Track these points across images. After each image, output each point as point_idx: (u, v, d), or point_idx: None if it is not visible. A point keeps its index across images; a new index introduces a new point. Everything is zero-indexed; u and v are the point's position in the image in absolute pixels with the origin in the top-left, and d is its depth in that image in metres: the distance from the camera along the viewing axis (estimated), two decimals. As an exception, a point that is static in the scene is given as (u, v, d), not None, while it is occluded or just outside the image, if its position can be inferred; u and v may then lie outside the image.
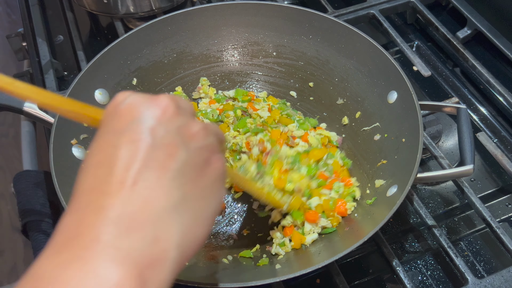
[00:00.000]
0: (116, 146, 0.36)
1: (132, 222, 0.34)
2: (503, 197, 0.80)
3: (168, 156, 0.37)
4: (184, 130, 0.39)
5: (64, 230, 0.35)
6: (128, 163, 0.36)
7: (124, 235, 0.33)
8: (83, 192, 0.36)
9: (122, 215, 0.34)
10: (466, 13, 1.00)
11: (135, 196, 0.35)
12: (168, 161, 0.37)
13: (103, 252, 0.32)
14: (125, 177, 0.35)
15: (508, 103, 0.88)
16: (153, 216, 0.35)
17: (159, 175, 0.36)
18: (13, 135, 1.75)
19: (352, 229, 0.68)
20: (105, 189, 0.35)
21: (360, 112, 0.82)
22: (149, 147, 0.37)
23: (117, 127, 0.38)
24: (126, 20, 1.05)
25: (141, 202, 0.35)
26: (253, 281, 0.58)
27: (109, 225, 0.34)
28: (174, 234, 0.36)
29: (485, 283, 0.65)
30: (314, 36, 0.87)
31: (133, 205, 0.35)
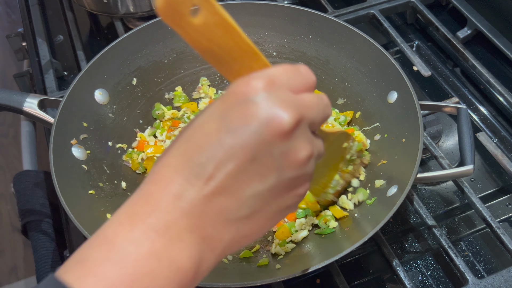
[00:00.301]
0: (220, 141, 0.37)
1: (199, 221, 0.37)
2: (503, 197, 0.80)
3: (257, 176, 0.38)
4: (289, 156, 0.38)
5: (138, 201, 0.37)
6: (222, 164, 0.36)
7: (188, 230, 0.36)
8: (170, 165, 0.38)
9: (192, 209, 0.36)
10: (466, 13, 1.00)
11: (211, 198, 0.37)
12: (255, 180, 0.38)
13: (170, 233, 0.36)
14: (214, 175, 0.36)
15: (508, 103, 0.87)
16: (219, 221, 0.38)
17: (240, 188, 0.37)
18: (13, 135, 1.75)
19: (352, 229, 0.68)
20: (190, 176, 0.37)
21: (360, 112, 0.82)
22: (247, 161, 0.37)
23: (231, 121, 0.37)
24: (126, 20, 1.05)
25: (213, 205, 0.37)
26: (253, 281, 0.58)
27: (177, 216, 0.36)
28: (225, 240, 0.39)
29: (485, 283, 0.65)
30: (314, 36, 0.87)
31: (205, 206, 0.37)
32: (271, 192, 0.39)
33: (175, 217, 0.36)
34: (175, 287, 0.36)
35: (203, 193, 0.37)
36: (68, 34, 1.06)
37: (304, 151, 0.39)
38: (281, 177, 0.39)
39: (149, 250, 0.35)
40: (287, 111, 0.37)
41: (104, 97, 0.80)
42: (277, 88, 0.38)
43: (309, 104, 0.40)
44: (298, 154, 0.38)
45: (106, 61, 0.80)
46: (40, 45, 1.00)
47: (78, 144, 0.74)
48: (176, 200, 0.36)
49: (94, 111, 0.78)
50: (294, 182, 0.40)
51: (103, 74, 0.80)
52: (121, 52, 0.82)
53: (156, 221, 0.36)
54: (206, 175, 0.37)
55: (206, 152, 0.37)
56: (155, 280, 0.35)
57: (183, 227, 0.36)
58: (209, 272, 0.40)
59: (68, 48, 1.05)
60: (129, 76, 0.84)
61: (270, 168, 0.38)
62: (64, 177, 0.67)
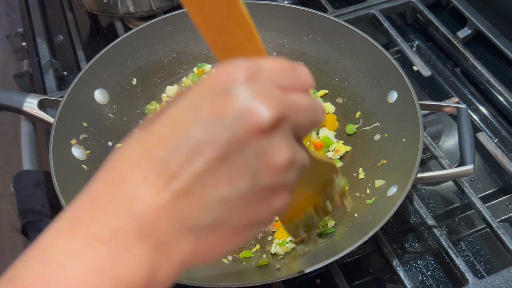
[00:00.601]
0: (190, 137, 0.31)
1: (154, 227, 0.31)
2: (504, 197, 0.80)
3: (227, 179, 0.32)
4: (266, 158, 0.32)
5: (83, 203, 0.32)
6: (187, 163, 0.31)
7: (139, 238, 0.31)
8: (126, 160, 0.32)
9: (146, 213, 0.31)
10: (466, 13, 1.00)
11: (171, 201, 0.31)
12: (224, 183, 0.32)
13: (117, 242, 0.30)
14: (175, 175, 0.31)
15: (509, 103, 0.87)
16: (175, 227, 0.32)
17: (206, 191, 0.31)
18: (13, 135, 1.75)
19: (352, 229, 0.68)
20: (148, 176, 0.31)
21: (360, 112, 0.82)
22: (216, 160, 0.31)
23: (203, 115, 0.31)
24: (126, 20, 1.05)
25: (172, 209, 0.31)
26: (253, 281, 0.58)
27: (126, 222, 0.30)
28: (181, 254, 0.32)
29: (485, 283, 0.65)
30: (314, 36, 0.87)
31: (163, 210, 0.31)
32: (241, 200, 0.32)
33: (123, 223, 0.30)
34: None
35: (162, 195, 0.31)
36: (68, 34, 1.06)
37: (284, 155, 0.33)
38: (254, 183, 0.32)
39: (90, 264, 0.29)
40: (267, 106, 0.31)
41: (104, 97, 0.80)
42: (261, 82, 0.33)
43: (298, 104, 0.34)
44: (276, 157, 0.32)
45: (106, 61, 0.80)
46: (40, 45, 1.00)
47: (78, 144, 0.74)
48: (128, 202, 0.31)
49: (94, 111, 0.78)
50: (270, 192, 0.34)
51: (103, 74, 0.80)
52: (121, 52, 0.82)
53: (100, 228, 0.30)
54: (167, 174, 0.31)
55: (170, 146, 0.31)
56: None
57: (133, 235, 0.30)
58: (167, 285, 0.33)
59: (68, 48, 1.05)
60: (129, 76, 0.84)
61: (242, 171, 0.32)
62: (64, 177, 0.67)
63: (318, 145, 0.80)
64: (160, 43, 0.87)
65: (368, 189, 0.73)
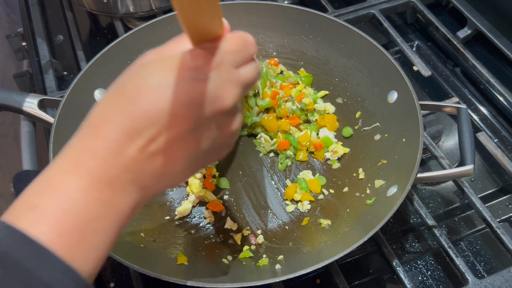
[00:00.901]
0: (167, 111, 0.40)
1: (140, 175, 0.42)
2: (504, 197, 0.80)
3: (194, 142, 0.43)
4: (225, 128, 0.45)
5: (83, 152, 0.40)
6: (165, 130, 0.41)
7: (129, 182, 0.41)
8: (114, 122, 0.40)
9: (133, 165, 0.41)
10: (466, 13, 1.00)
11: (151, 157, 0.41)
12: (192, 145, 0.43)
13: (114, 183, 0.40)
14: (157, 139, 0.41)
15: (508, 103, 0.87)
16: (154, 175, 0.42)
17: (178, 150, 0.42)
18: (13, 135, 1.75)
19: (352, 229, 0.68)
20: (133, 137, 0.40)
21: (360, 112, 0.82)
22: (188, 130, 0.42)
23: (180, 92, 0.40)
24: (126, 20, 1.05)
25: (152, 162, 0.42)
26: (253, 281, 0.58)
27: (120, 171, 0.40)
28: (157, 189, 0.44)
29: (485, 283, 0.65)
30: (314, 36, 0.87)
31: (145, 163, 0.41)
32: (202, 155, 0.45)
33: (118, 171, 0.40)
34: (117, 225, 0.41)
35: (143, 152, 0.41)
36: (68, 34, 1.06)
37: (236, 125, 0.46)
38: (213, 144, 0.45)
39: (97, 198, 0.39)
40: (231, 93, 0.43)
41: (104, 97, 0.80)
42: (224, 68, 0.42)
43: (249, 79, 0.45)
44: (231, 127, 0.46)
45: (106, 61, 0.80)
46: (40, 45, 1.00)
47: (78, 144, 0.73)
48: (119, 156, 0.40)
49: (94, 111, 0.78)
50: (222, 146, 0.48)
51: (103, 74, 0.80)
52: (121, 52, 0.82)
53: (102, 174, 0.40)
54: (148, 137, 0.40)
55: (151, 116, 0.40)
56: (102, 223, 0.40)
57: (126, 180, 0.41)
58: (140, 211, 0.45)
59: (68, 48, 1.05)
60: (129, 76, 0.84)
61: (206, 137, 0.44)
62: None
63: (318, 145, 0.80)
64: (160, 43, 0.86)
65: (368, 189, 0.73)
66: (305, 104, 0.83)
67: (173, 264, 0.65)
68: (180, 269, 0.64)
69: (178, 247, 0.69)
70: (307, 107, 0.83)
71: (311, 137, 0.81)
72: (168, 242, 0.70)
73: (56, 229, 0.37)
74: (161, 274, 0.58)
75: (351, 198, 0.75)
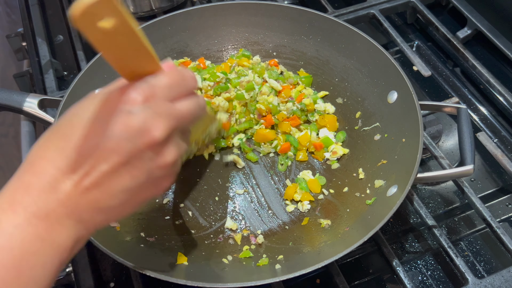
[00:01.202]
0: (98, 145, 0.42)
1: (76, 209, 0.43)
2: (503, 197, 0.80)
3: (128, 176, 0.44)
4: (157, 161, 0.45)
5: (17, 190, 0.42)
6: (97, 165, 0.42)
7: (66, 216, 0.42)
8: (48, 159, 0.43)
9: (71, 201, 0.42)
10: (466, 13, 1.00)
11: (85, 192, 0.43)
12: (127, 179, 0.44)
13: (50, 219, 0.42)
14: (90, 173, 0.42)
15: (508, 103, 0.87)
16: (93, 210, 0.44)
17: (112, 185, 0.44)
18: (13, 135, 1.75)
19: (352, 229, 0.68)
20: (67, 169, 0.42)
21: (360, 112, 0.82)
22: (121, 164, 0.43)
23: (110, 130, 0.42)
24: (126, 20, 1.05)
25: (87, 197, 0.43)
26: (253, 281, 0.58)
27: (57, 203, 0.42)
28: (96, 224, 0.46)
29: (485, 283, 0.65)
30: (314, 36, 0.87)
31: (82, 198, 0.43)
32: (140, 188, 0.46)
33: (53, 206, 0.42)
34: (56, 261, 0.42)
35: (78, 187, 0.42)
36: (68, 34, 1.06)
37: (171, 157, 0.46)
38: (149, 177, 0.46)
39: (32, 233, 0.40)
40: (160, 126, 0.43)
41: (104, 97, 0.80)
42: (155, 101, 0.44)
43: (185, 112, 0.47)
44: (166, 159, 0.46)
45: (106, 61, 0.80)
46: (40, 45, 1.00)
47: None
48: (54, 191, 0.42)
49: (94, 111, 0.78)
50: (161, 179, 0.48)
51: (103, 74, 0.80)
52: (121, 52, 0.82)
53: (37, 209, 0.41)
54: (82, 172, 0.42)
55: (84, 152, 0.42)
56: (40, 258, 0.41)
57: (61, 214, 0.42)
58: (84, 245, 0.47)
59: (68, 48, 1.05)
60: (129, 76, 0.84)
61: (140, 170, 0.44)
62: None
63: (318, 145, 0.80)
64: (160, 43, 0.87)
65: (368, 189, 0.73)
66: (305, 104, 0.83)
67: (173, 264, 0.65)
68: (180, 269, 0.64)
69: (178, 247, 0.69)
70: (307, 108, 0.83)
71: (311, 137, 0.81)
72: (168, 242, 0.70)
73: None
74: (161, 274, 0.58)
75: (351, 198, 0.75)
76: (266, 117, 0.82)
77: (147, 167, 0.45)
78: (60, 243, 0.42)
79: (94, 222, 0.45)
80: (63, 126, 0.44)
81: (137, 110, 0.42)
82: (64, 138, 0.43)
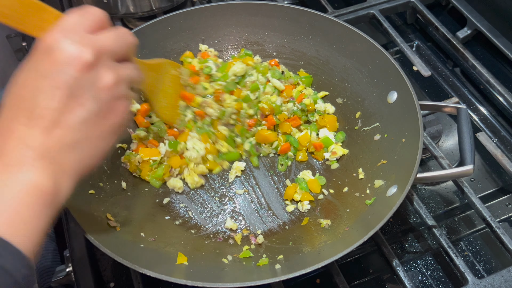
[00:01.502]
0: (40, 88, 0.46)
1: (46, 151, 0.46)
2: (503, 197, 0.80)
3: (78, 105, 0.47)
4: (96, 83, 0.48)
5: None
6: (47, 105, 0.46)
7: (38, 158, 0.46)
8: (6, 118, 0.46)
9: (40, 145, 0.46)
10: (466, 13, 1.00)
11: (48, 132, 0.46)
12: (78, 109, 0.47)
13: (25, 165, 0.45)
14: (45, 115, 0.46)
15: (508, 103, 0.88)
16: (61, 148, 0.47)
17: (69, 119, 0.47)
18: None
19: (352, 229, 0.68)
20: (27, 122, 0.45)
21: (360, 112, 0.82)
22: (66, 96, 0.46)
23: (44, 69, 0.46)
24: (126, 20, 1.05)
25: (51, 137, 0.46)
26: (253, 281, 0.58)
27: (29, 151, 0.45)
28: (73, 161, 0.48)
29: (485, 283, 0.65)
30: (314, 36, 0.87)
31: (48, 139, 0.46)
32: (95, 115, 0.48)
33: (24, 153, 0.45)
34: (41, 201, 0.45)
35: (39, 130, 0.46)
36: (68, 34, 1.06)
37: (108, 77, 0.49)
38: (98, 101, 0.48)
39: (8, 179, 0.44)
40: (84, 48, 0.46)
41: (104, 97, 0.80)
42: (72, 33, 0.47)
43: (106, 39, 0.49)
44: (104, 80, 0.48)
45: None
46: (40, 45, 0.99)
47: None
48: (21, 141, 0.45)
49: (94, 111, 0.78)
50: (112, 103, 0.50)
51: (103, 74, 0.80)
52: (121, 52, 0.82)
53: (9, 158, 0.45)
54: (37, 116, 0.46)
55: (31, 99, 0.46)
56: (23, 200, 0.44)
57: (34, 157, 0.45)
58: (70, 193, 0.49)
59: (68, 48, 1.05)
60: (129, 76, 0.84)
61: (86, 97, 0.47)
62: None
63: (318, 145, 0.80)
64: (160, 43, 0.87)
65: (368, 189, 0.73)
66: (305, 104, 0.83)
67: (173, 264, 0.65)
68: (180, 269, 0.64)
69: (178, 247, 0.69)
70: (307, 108, 0.83)
71: (311, 138, 0.81)
72: (168, 242, 0.70)
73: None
74: (161, 274, 0.58)
75: (351, 198, 0.75)
76: (268, 117, 0.82)
77: (91, 92, 0.47)
78: (39, 184, 0.45)
79: (69, 162, 0.48)
80: (11, 89, 0.47)
81: (58, 44, 0.46)
82: (12, 95, 0.47)
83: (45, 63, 0.46)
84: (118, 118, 0.51)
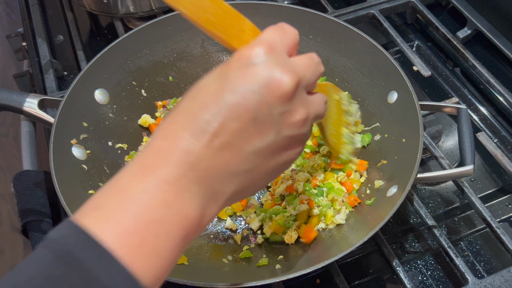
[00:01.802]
0: (226, 102, 0.40)
1: (207, 175, 0.40)
2: (503, 197, 0.80)
3: (258, 134, 0.41)
4: (286, 117, 0.42)
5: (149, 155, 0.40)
6: (227, 124, 0.40)
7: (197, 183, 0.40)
8: (176, 122, 0.41)
9: (205, 168, 0.40)
10: (466, 13, 1.00)
11: (216, 153, 0.40)
12: (256, 137, 0.41)
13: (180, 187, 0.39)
14: (220, 133, 0.40)
15: (508, 103, 0.87)
16: (224, 176, 0.41)
17: (242, 144, 0.41)
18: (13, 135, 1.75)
19: (352, 229, 0.68)
20: (199, 135, 0.39)
21: (360, 112, 0.82)
22: (250, 120, 0.40)
23: (236, 83, 0.40)
24: (126, 20, 1.05)
25: (218, 159, 0.40)
26: (253, 281, 0.58)
27: (189, 172, 0.39)
28: (228, 192, 0.42)
29: (485, 283, 0.65)
30: (314, 36, 0.87)
31: (214, 162, 0.40)
32: (270, 149, 0.43)
33: (183, 170, 0.39)
34: (181, 233, 0.39)
35: (209, 148, 0.40)
36: (68, 34, 1.06)
37: (301, 114, 0.43)
38: (279, 136, 0.43)
39: (160, 199, 0.38)
40: (287, 74, 0.41)
41: (104, 97, 0.80)
42: (276, 53, 0.42)
43: (303, 66, 0.44)
44: (295, 116, 0.43)
45: (106, 61, 0.80)
46: (40, 45, 1.00)
47: (78, 144, 0.74)
48: (185, 154, 0.39)
49: (94, 111, 0.78)
50: (291, 141, 0.44)
51: (103, 74, 0.80)
52: (121, 52, 0.82)
53: (166, 173, 0.38)
54: (211, 132, 0.40)
55: (212, 110, 0.40)
56: (165, 226, 0.38)
57: (191, 180, 0.39)
58: (211, 222, 0.43)
59: (68, 48, 1.05)
60: (129, 76, 0.84)
61: (270, 127, 0.42)
62: (64, 177, 0.67)
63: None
64: (160, 43, 0.87)
65: (368, 189, 0.73)
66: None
67: (173, 264, 0.65)
68: (180, 269, 0.64)
69: (178, 247, 0.69)
70: None
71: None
72: (168, 242, 0.70)
73: (116, 229, 0.36)
74: (161, 274, 0.58)
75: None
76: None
77: (276, 124, 0.42)
78: (186, 213, 0.39)
79: (225, 191, 0.42)
80: (190, 91, 0.43)
81: (261, 61, 0.41)
82: (191, 100, 0.41)
83: (237, 75, 0.41)
84: (291, 159, 0.46)
